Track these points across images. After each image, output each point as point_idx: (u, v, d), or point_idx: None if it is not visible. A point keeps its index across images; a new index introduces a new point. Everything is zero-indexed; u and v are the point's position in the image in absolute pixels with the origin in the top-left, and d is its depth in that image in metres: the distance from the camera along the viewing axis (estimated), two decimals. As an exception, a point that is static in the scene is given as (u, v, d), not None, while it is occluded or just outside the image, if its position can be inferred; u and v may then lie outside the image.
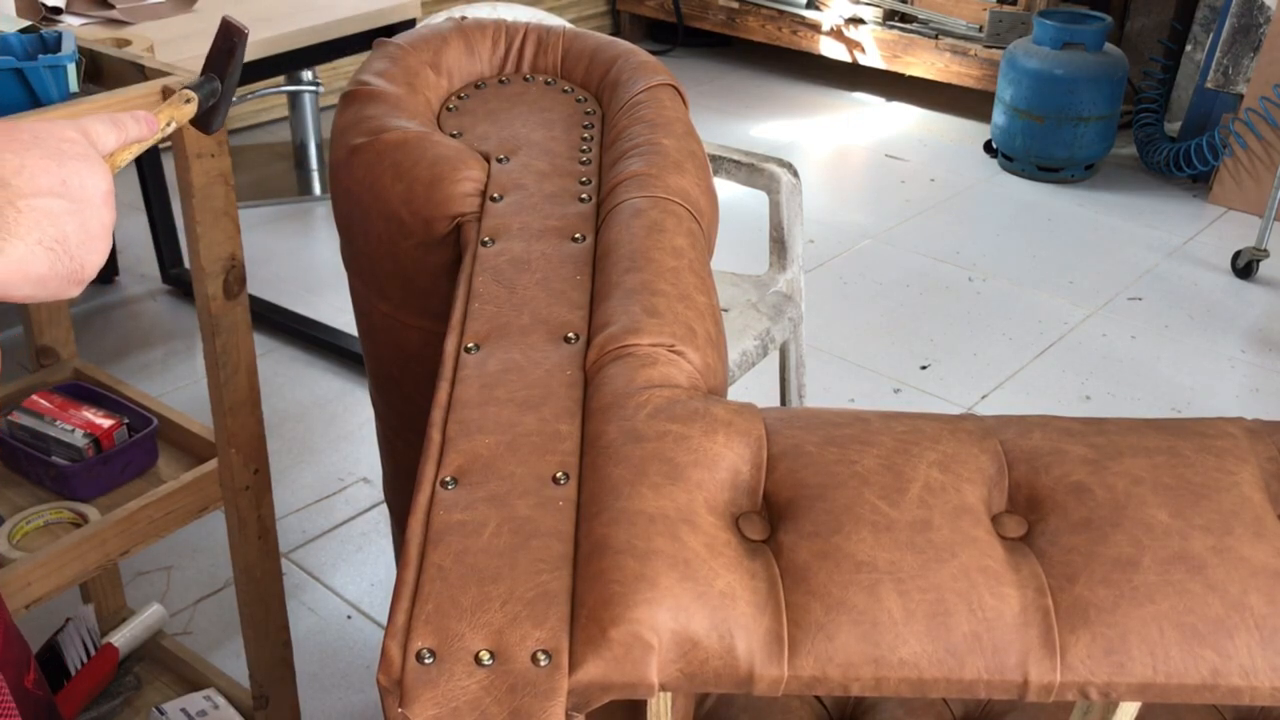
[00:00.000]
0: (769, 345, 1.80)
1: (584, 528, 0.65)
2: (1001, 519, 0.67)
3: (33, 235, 0.63)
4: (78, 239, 0.66)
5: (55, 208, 0.64)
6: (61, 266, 0.65)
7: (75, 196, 0.66)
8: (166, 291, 2.83)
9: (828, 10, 4.09)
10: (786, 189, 1.86)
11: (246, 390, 1.28)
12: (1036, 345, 2.69)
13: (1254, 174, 3.32)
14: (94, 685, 1.58)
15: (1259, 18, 3.34)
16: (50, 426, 1.33)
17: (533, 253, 0.89)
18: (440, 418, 0.73)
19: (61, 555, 1.21)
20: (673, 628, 0.59)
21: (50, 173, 0.65)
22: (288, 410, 2.39)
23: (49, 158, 0.65)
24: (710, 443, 0.68)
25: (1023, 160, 3.56)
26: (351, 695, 1.75)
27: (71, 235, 0.65)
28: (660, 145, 0.98)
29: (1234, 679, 0.61)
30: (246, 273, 1.23)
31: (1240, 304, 2.88)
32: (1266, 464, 0.69)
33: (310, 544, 2.04)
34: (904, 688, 0.61)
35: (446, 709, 0.57)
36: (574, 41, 1.17)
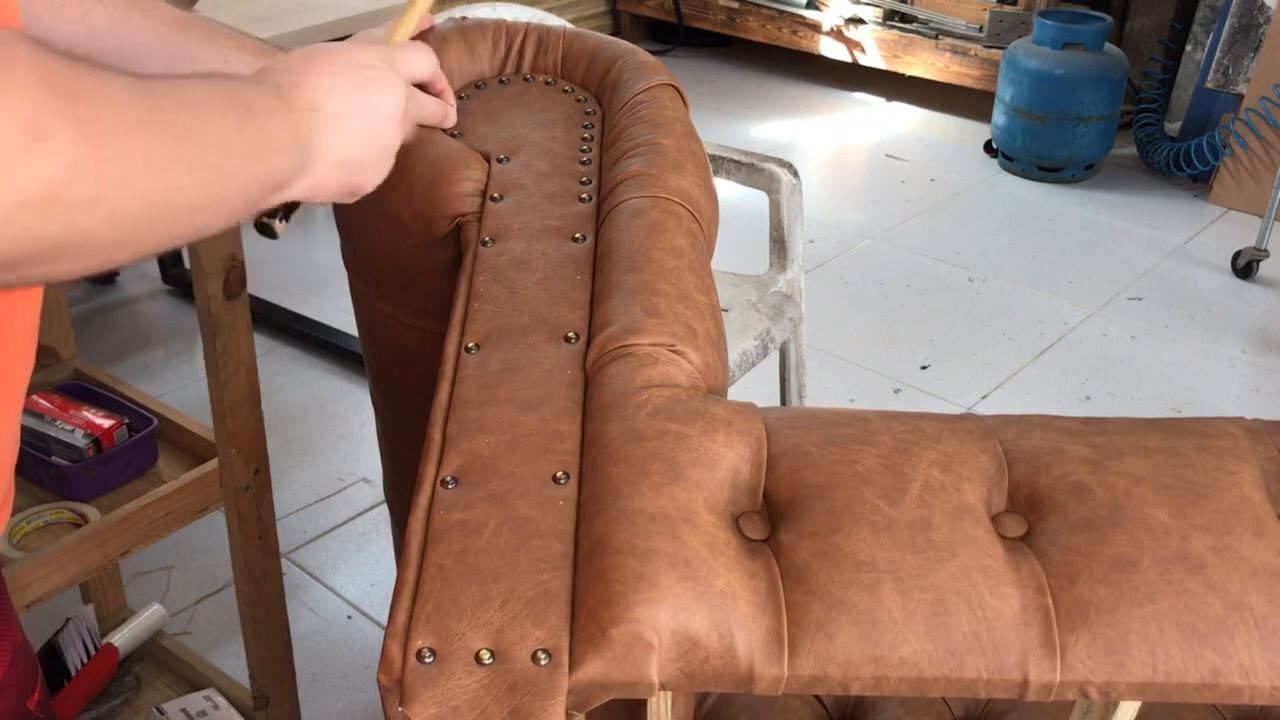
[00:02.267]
0: (769, 345, 1.80)
1: (584, 527, 0.65)
2: (1001, 519, 0.67)
3: (332, 156, 0.70)
4: (364, 162, 0.74)
5: (352, 130, 0.71)
6: (348, 184, 0.74)
7: (371, 120, 0.73)
8: (166, 291, 2.83)
9: (828, 10, 4.09)
10: (786, 189, 1.86)
11: (246, 390, 1.28)
12: (1036, 345, 2.69)
13: (1254, 174, 3.32)
14: (94, 685, 1.58)
15: (1259, 18, 3.34)
16: (50, 426, 1.33)
17: (533, 253, 0.89)
18: (440, 417, 0.73)
19: (61, 555, 1.21)
20: (673, 627, 0.60)
21: (354, 97, 0.72)
22: (288, 410, 2.39)
23: (355, 82, 0.72)
24: (710, 442, 0.68)
25: (1023, 160, 3.56)
26: (351, 695, 1.75)
27: (361, 159, 0.73)
28: (660, 145, 0.98)
29: (1234, 678, 0.61)
30: (246, 273, 1.23)
31: (1240, 304, 2.89)
32: (1266, 464, 0.69)
33: (310, 544, 2.04)
34: (904, 687, 0.61)
35: (447, 708, 0.57)
36: (574, 42, 1.17)
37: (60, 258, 0.50)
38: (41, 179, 0.45)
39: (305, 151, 0.68)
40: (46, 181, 0.45)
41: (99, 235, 0.50)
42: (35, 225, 0.46)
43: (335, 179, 0.72)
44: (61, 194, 0.46)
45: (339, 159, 0.71)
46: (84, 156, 0.47)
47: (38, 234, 0.47)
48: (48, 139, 0.45)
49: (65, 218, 0.47)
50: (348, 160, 0.72)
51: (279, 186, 0.66)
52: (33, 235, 0.46)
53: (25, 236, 0.46)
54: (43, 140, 0.45)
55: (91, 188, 0.48)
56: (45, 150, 0.45)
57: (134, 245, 0.54)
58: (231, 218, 0.61)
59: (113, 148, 0.49)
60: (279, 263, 2.93)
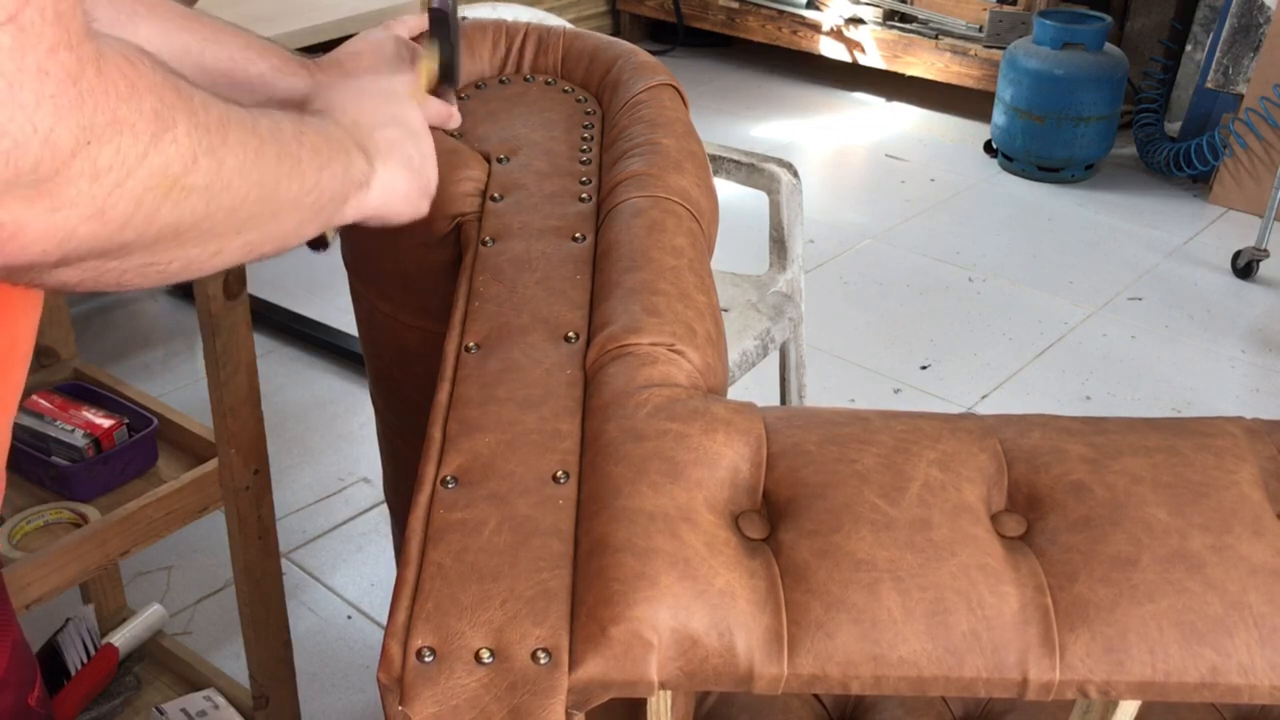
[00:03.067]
0: (769, 345, 1.80)
1: (584, 526, 0.65)
2: (1001, 518, 0.67)
3: (392, 158, 0.76)
4: (418, 157, 0.80)
5: (398, 134, 0.78)
6: (416, 182, 0.80)
7: (406, 126, 0.80)
8: (166, 291, 2.83)
9: (828, 10, 4.09)
10: (786, 189, 1.86)
11: (246, 390, 1.29)
12: (1036, 345, 2.69)
13: (1254, 174, 3.32)
14: (94, 685, 1.59)
15: (1259, 18, 3.34)
16: (50, 426, 1.33)
17: (533, 252, 0.90)
18: (440, 417, 0.74)
19: (61, 555, 1.21)
20: (672, 626, 0.60)
21: (383, 110, 0.79)
22: (288, 410, 2.39)
23: (378, 100, 0.80)
24: (710, 441, 0.68)
25: (1023, 160, 3.56)
26: (351, 695, 1.75)
27: (414, 155, 0.80)
28: (660, 145, 0.98)
29: (1233, 677, 0.61)
30: (246, 273, 1.23)
31: (1240, 304, 2.89)
32: (1266, 463, 0.69)
33: (310, 544, 2.05)
34: (903, 686, 0.61)
35: (446, 707, 0.57)
36: (574, 42, 1.17)
37: (182, 242, 0.54)
38: (166, 164, 0.49)
39: (368, 153, 0.74)
40: (171, 167, 0.50)
41: (216, 221, 0.55)
42: (160, 209, 0.50)
43: (404, 180, 0.78)
44: (183, 179, 0.51)
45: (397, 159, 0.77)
46: (202, 146, 0.51)
47: (163, 217, 0.51)
48: (171, 128, 0.49)
49: (187, 202, 0.52)
50: (405, 160, 0.78)
51: (360, 184, 0.72)
52: (159, 218, 0.50)
53: (151, 219, 0.50)
54: (167, 129, 0.49)
55: (209, 175, 0.52)
56: (169, 139, 0.49)
57: (245, 235, 0.59)
58: (323, 214, 0.67)
59: (225, 139, 0.54)
60: (279, 263, 2.93)
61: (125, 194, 0.48)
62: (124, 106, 0.46)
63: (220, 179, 0.53)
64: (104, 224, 0.48)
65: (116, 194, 0.47)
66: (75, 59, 0.44)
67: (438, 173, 0.94)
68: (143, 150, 0.48)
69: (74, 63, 0.44)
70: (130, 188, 0.48)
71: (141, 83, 0.48)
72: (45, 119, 0.43)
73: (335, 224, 0.72)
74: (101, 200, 0.47)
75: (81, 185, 0.46)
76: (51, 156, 0.44)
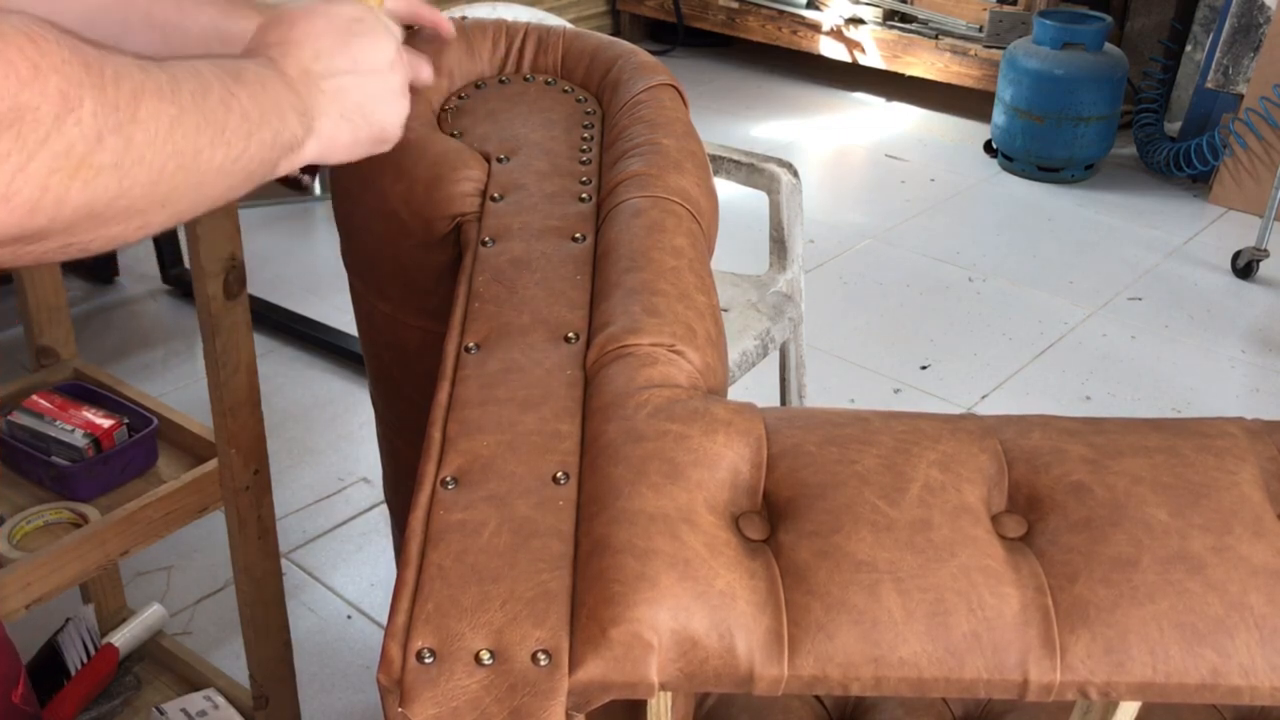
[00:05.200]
0: (769, 345, 1.80)
1: (584, 527, 0.65)
2: (1001, 518, 0.67)
3: (334, 109, 0.73)
4: (370, 105, 0.76)
5: (348, 83, 0.74)
6: (362, 131, 0.76)
7: (364, 69, 0.75)
8: (166, 291, 2.83)
9: (828, 10, 4.09)
10: (786, 189, 1.86)
11: (246, 390, 1.28)
12: (1036, 345, 2.69)
13: (1254, 174, 3.32)
14: (94, 685, 1.59)
15: (1259, 18, 3.34)
16: (50, 426, 1.33)
17: (533, 252, 0.89)
18: (440, 417, 0.73)
19: (61, 555, 1.21)
20: (673, 627, 0.60)
21: (341, 53, 0.74)
22: (288, 410, 2.39)
23: (340, 39, 0.74)
24: (710, 442, 0.68)
25: (1023, 160, 3.56)
26: (351, 695, 1.75)
27: (365, 103, 0.75)
28: (660, 145, 0.98)
29: (1234, 678, 0.61)
30: (246, 273, 1.23)
31: (1240, 304, 2.89)
32: (1266, 463, 0.69)
33: (310, 544, 2.04)
34: (904, 687, 0.61)
35: (446, 708, 0.57)
36: (574, 42, 1.17)
37: (101, 223, 0.53)
38: (69, 146, 0.48)
39: (307, 112, 0.70)
40: (75, 148, 0.48)
41: (134, 199, 0.53)
42: (69, 191, 0.49)
43: (347, 132, 0.74)
44: (90, 159, 0.49)
45: (340, 111, 0.73)
46: (109, 124, 0.50)
47: (74, 200, 0.50)
48: (76, 109, 0.48)
49: (96, 182, 0.50)
50: (350, 111, 0.74)
51: (292, 147, 0.69)
52: (68, 202, 0.49)
53: (61, 203, 0.49)
54: (72, 110, 0.48)
55: (118, 153, 0.51)
56: (73, 120, 0.48)
57: (170, 208, 0.57)
58: (253, 179, 0.65)
59: (135, 114, 0.52)
60: (279, 263, 2.93)
61: (29, 178, 0.47)
62: (25, 91, 0.46)
63: (130, 155, 0.52)
64: (10, 210, 0.47)
65: (19, 180, 0.47)
66: None
67: (432, 171, 0.93)
68: (44, 134, 0.47)
69: None
70: (33, 172, 0.47)
71: (45, 63, 0.46)
72: None
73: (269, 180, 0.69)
74: (4, 186, 0.46)
75: None
76: None
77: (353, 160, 0.77)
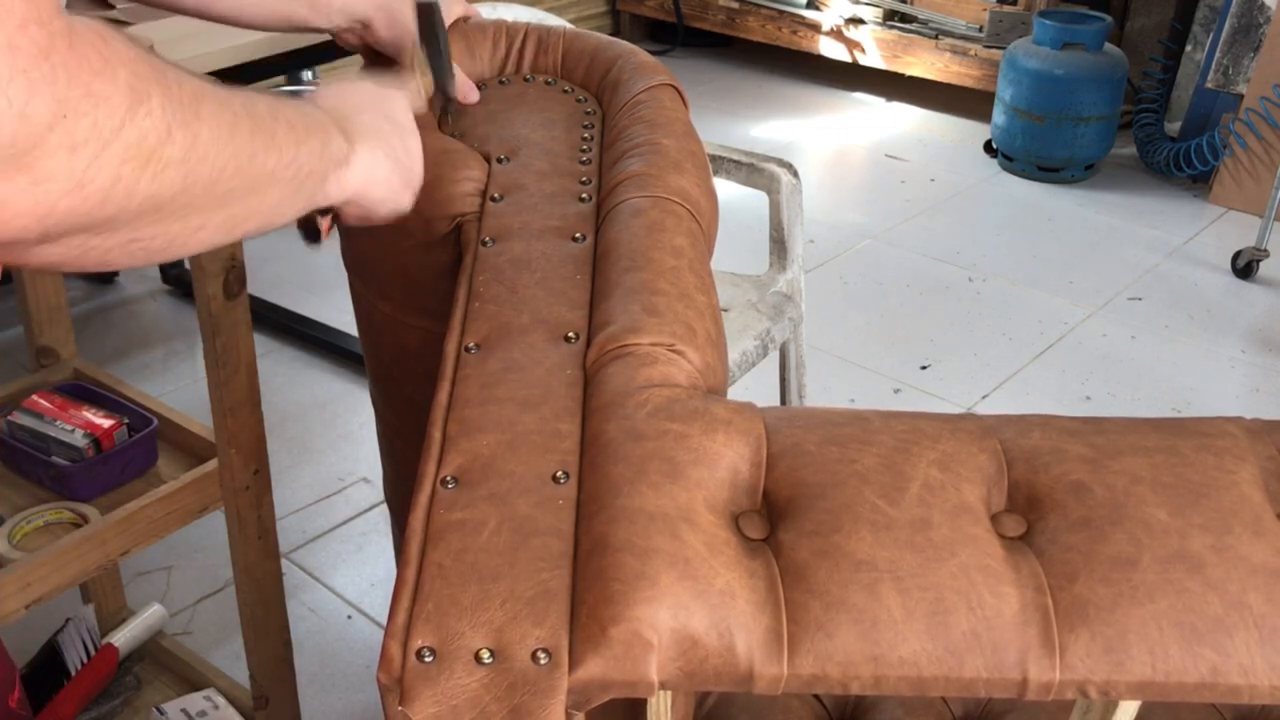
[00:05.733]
0: (769, 345, 1.80)
1: (584, 526, 0.65)
2: (1001, 518, 0.67)
3: (372, 141, 0.77)
4: (403, 149, 0.81)
5: (381, 124, 0.79)
6: (399, 171, 0.80)
7: (392, 119, 0.81)
8: (166, 291, 2.83)
9: (828, 10, 4.09)
10: (786, 189, 1.86)
11: (246, 390, 1.29)
12: (1036, 345, 2.69)
13: (1254, 174, 3.32)
14: (94, 685, 1.59)
15: (1259, 18, 3.34)
16: (50, 426, 1.33)
17: (533, 252, 0.90)
18: (440, 417, 0.73)
19: (61, 555, 1.21)
20: (672, 626, 0.60)
21: (369, 106, 0.80)
22: (288, 410, 2.39)
23: (364, 96, 0.81)
24: (710, 441, 0.68)
25: (1023, 160, 3.56)
26: (351, 695, 1.76)
27: (398, 146, 0.80)
28: (660, 145, 0.98)
29: (1233, 677, 0.61)
30: (246, 273, 1.23)
31: (1240, 304, 2.89)
32: (1266, 463, 0.69)
33: (310, 544, 2.05)
34: (903, 686, 0.61)
35: (446, 707, 0.57)
36: (574, 42, 1.17)
37: (163, 218, 0.55)
38: (142, 136, 0.50)
39: (349, 134, 0.74)
40: (147, 139, 0.51)
41: (194, 195, 0.56)
42: (139, 181, 0.51)
43: (385, 166, 0.78)
44: (160, 151, 0.52)
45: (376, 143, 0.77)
46: (176, 119, 0.52)
47: (143, 190, 0.51)
48: (145, 100, 0.50)
49: (165, 175, 0.52)
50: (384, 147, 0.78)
51: (339, 161, 0.73)
52: (138, 192, 0.51)
53: (131, 193, 0.51)
54: (142, 102, 0.50)
55: (185, 147, 0.53)
56: (144, 111, 0.50)
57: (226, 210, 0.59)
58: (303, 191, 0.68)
59: (199, 112, 0.55)
60: (279, 263, 2.93)
61: (103, 166, 0.48)
62: (97, 80, 0.47)
63: (196, 151, 0.54)
64: (84, 198, 0.49)
65: (94, 167, 0.48)
66: (46, 34, 0.45)
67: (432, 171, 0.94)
68: (118, 123, 0.48)
69: (44, 37, 0.45)
70: (107, 160, 0.49)
71: (114, 57, 0.48)
72: (19, 93, 0.44)
73: (319, 203, 0.72)
74: (80, 173, 0.48)
75: (59, 158, 0.46)
76: (27, 131, 0.45)
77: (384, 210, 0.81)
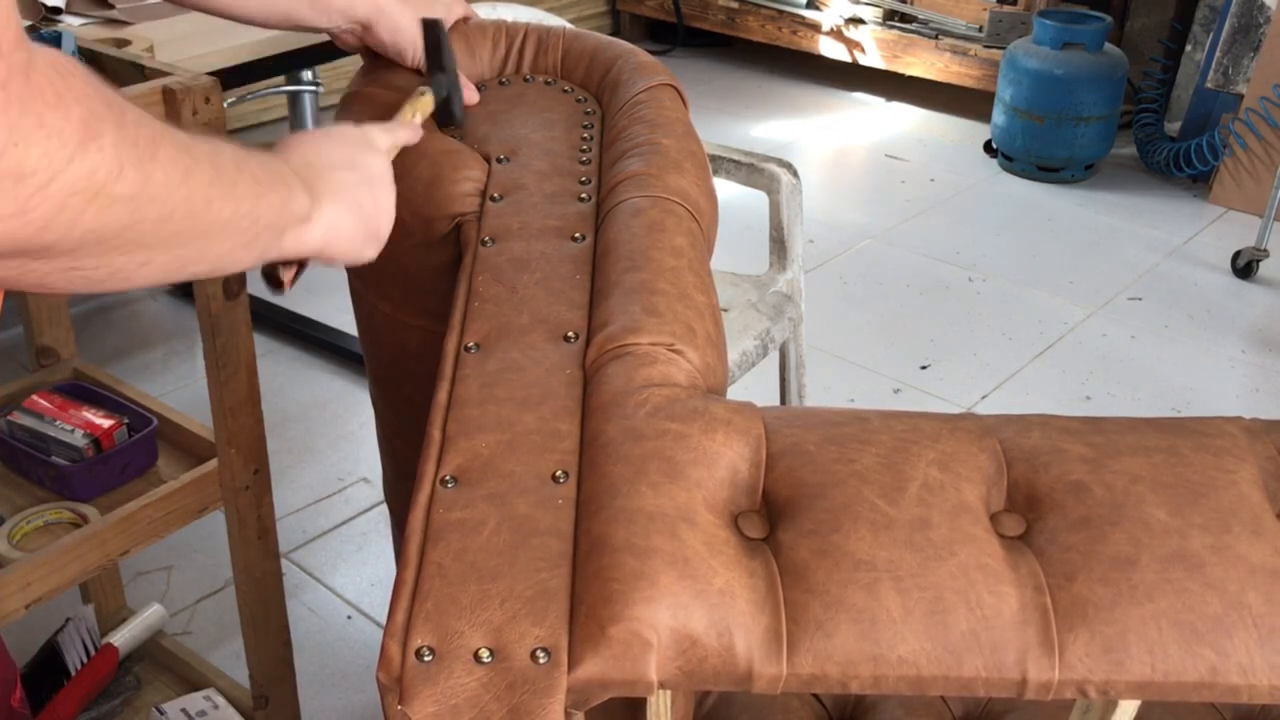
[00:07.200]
0: (769, 345, 1.80)
1: (583, 526, 0.65)
2: (1000, 517, 0.67)
3: (337, 196, 0.77)
4: (370, 203, 0.81)
5: (349, 179, 0.79)
6: (362, 226, 0.80)
7: (362, 172, 0.81)
8: (166, 291, 2.83)
9: (828, 10, 4.09)
10: (786, 189, 1.86)
11: (246, 390, 1.29)
12: (1036, 345, 2.69)
13: (1254, 174, 3.32)
14: (94, 685, 1.59)
15: (1259, 18, 3.34)
16: (50, 426, 1.33)
17: (533, 252, 0.90)
18: (440, 417, 0.74)
19: (61, 555, 1.21)
20: (672, 625, 0.60)
21: (340, 154, 0.81)
22: (288, 410, 2.39)
23: (338, 145, 0.82)
24: (709, 441, 0.68)
25: (1023, 160, 3.56)
26: (351, 695, 1.76)
27: (365, 200, 0.80)
28: (660, 145, 0.98)
29: (1232, 677, 0.61)
30: (246, 273, 1.23)
31: (1240, 304, 2.89)
32: (1265, 463, 0.69)
33: (310, 544, 2.05)
34: (903, 686, 0.61)
35: (446, 706, 0.57)
36: (574, 42, 1.17)
37: (106, 250, 0.55)
38: (92, 171, 0.51)
39: (313, 192, 0.75)
40: (97, 174, 0.51)
41: (141, 233, 0.56)
42: (84, 214, 0.52)
43: (349, 223, 0.78)
44: (109, 188, 0.52)
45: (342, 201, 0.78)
46: (129, 158, 0.53)
47: (86, 223, 0.52)
48: (98, 138, 0.51)
49: (110, 211, 0.53)
50: (350, 203, 0.79)
51: (300, 218, 0.73)
52: (80, 224, 0.52)
53: (73, 224, 0.52)
54: (94, 139, 0.51)
55: (136, 186, 0.54)
56: (95, 147, 0.51)
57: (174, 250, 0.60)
58: (259, 241, 0.68)
59: (155, 154, 0.56)
60: (279, 263, 2.93)
61: (48, 197, 0.50)
62: (50, 113, 0.49)
63: (147, 191, 0.55)
64: (25, 224, 0.49)
65: (39, 196, 0.49)
66: (4, 66, 0.46)
67: (432, 171, 0.95)
68: (69, 155, 0.50)
69: (2, 70, 0.46)
70: (54, 191, 0.50)
71: (70, 93, 0.50)
72: None
73: (274, 256, 0.73)
74: (24, 200, 0.49)
75: (5, 185, 0.48)
76: None
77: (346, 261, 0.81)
